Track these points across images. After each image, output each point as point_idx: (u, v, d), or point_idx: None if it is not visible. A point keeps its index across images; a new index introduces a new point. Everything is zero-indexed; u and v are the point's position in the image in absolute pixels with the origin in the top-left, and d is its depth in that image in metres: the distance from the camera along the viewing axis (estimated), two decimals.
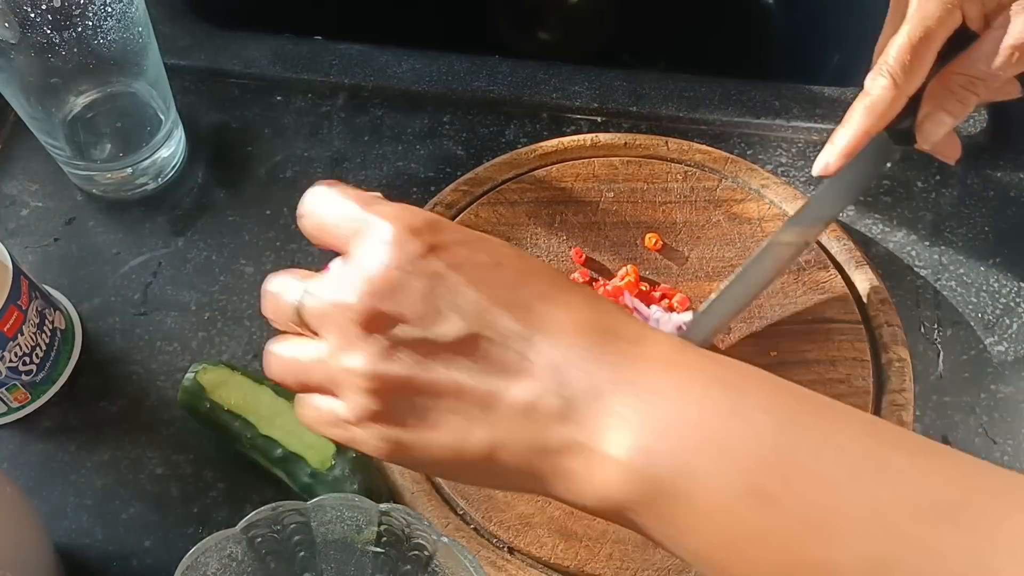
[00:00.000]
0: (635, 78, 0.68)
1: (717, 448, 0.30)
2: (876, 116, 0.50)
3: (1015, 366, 0.57)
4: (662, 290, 0.57)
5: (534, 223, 0.59)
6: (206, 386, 0.50)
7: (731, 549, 0.30)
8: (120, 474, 0.52)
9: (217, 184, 0.63)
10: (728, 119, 0.66)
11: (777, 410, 0.31)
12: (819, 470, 0.29)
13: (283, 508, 0.41)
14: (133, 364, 0.56)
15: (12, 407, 0.53)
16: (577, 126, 0.66)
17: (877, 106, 0.50)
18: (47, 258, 0.59)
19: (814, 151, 0.65)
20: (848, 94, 0.67)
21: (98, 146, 0.60)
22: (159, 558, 0.50)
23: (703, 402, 0.31)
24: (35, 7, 0.50)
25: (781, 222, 0.60)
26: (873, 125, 0.50)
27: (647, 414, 0.31)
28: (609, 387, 0.31)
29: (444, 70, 0.67)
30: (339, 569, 0.44)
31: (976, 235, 0.62)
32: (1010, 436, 0.55)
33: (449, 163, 0.64)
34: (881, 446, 0.30)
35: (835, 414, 0.31)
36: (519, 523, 0.49)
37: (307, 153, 0.64)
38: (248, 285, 0.59)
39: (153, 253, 0.60)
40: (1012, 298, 0.59)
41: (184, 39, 0.68)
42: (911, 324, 0.58)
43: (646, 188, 0.61)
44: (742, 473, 0.30)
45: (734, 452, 0.30)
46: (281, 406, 0.50)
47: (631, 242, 0.59)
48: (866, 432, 0.31)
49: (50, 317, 0.53)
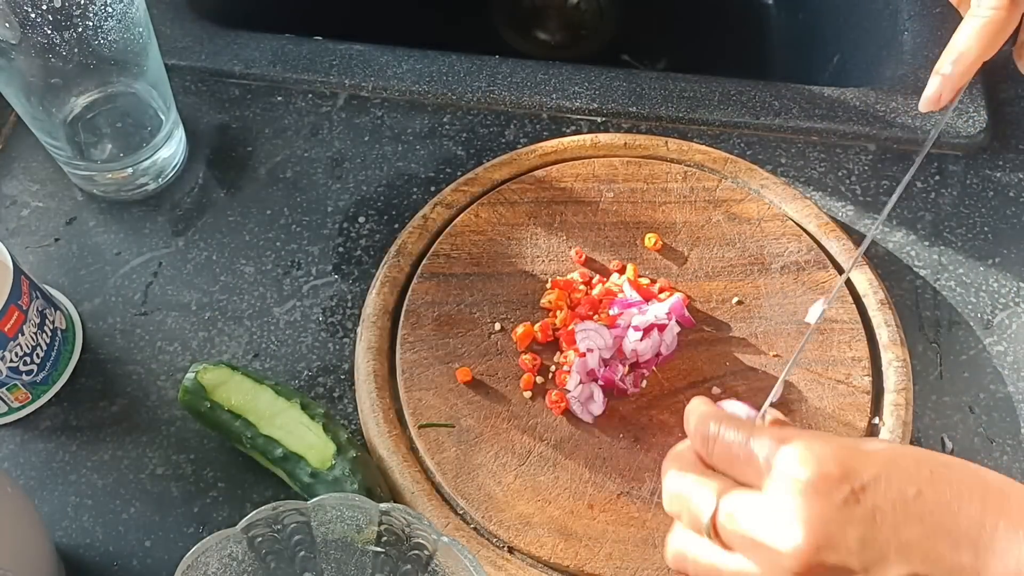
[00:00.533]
0: (635, 78, 0.68)
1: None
2: (991, 38, 0.45)
3: (1014, 366, 0.57)
4: (661, 285, 0.57)
5: (534, 223, 0.59)
6: (207, 386, 0.51)
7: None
8: (120, 474, 0.52)
9: (217, 184, 0.63)
10: (728, 119, 0.66)
11: None
12: None
13: (283, 508, 0.41)
14: (133, 364, 0.56)
15: (13, 407, 0.53)
16: (577, 126, 0.66)
17: (992, 28, 0.45)
18: (48, 258, 0.59)
19: (814, 151, 0.65)
20: (848, 94, 0.67)
21: (98, 146, 0.60)
22: (159, 558, 0.50)
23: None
24: (35, 7, 0.50)
25: (781, 222, 0.60)
26: (988, 49, 0.45)
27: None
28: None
29: (444, 70, 0.67)
30: (339, 569, 0.44)
31: (975, 235, 0.62)
32: (1009, 436, 0.55)
33: (449, 163, 0.64)
34: None
35: None
36: (519, 523, 0.49)
37: (307, 153, 0.64)
38: (248, 285, 0.59)
39: (153, 253, 0.60)
40: (1012, 298, 0.60)
41: (184, 39, 0.68)
42: (911, 324, 0.58)
43: (646, 188, 0.61)
44: None
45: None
46: (281, 406, 0.50)
47: (631, 242, 0.59)
48: None
49: (51, 317, 0.53)
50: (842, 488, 0.34)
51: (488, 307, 0.56)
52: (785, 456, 0.36)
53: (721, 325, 0.56)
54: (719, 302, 0.57)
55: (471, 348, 0.55)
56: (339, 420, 0.53)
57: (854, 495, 0.34)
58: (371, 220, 0.61)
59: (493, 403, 0.53)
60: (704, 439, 0.40)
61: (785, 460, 0.36)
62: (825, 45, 0.87)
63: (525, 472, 0.51)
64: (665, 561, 0.40)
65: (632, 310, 0.55)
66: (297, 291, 0.58)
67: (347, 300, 0.58)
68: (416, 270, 0.57)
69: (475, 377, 0.54)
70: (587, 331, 0.53)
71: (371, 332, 0.55)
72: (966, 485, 0.35)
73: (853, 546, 0.34)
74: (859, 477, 0.35)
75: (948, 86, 0.47)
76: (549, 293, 0.56)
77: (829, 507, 0.34)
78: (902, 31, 0.71)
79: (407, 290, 0.56)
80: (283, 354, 0.56)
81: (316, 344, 0.57)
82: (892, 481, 0.35)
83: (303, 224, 0.61)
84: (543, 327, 0.55)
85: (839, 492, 0.34)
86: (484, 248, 0.58)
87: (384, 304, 0.56)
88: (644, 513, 0.50)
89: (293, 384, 0.55)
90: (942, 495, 0.34)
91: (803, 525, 0.34)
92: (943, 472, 0.35)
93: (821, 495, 0.35)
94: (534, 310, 0.56)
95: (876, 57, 0.75)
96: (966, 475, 0.35)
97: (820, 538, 0.34)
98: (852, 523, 0.34)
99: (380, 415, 0.52)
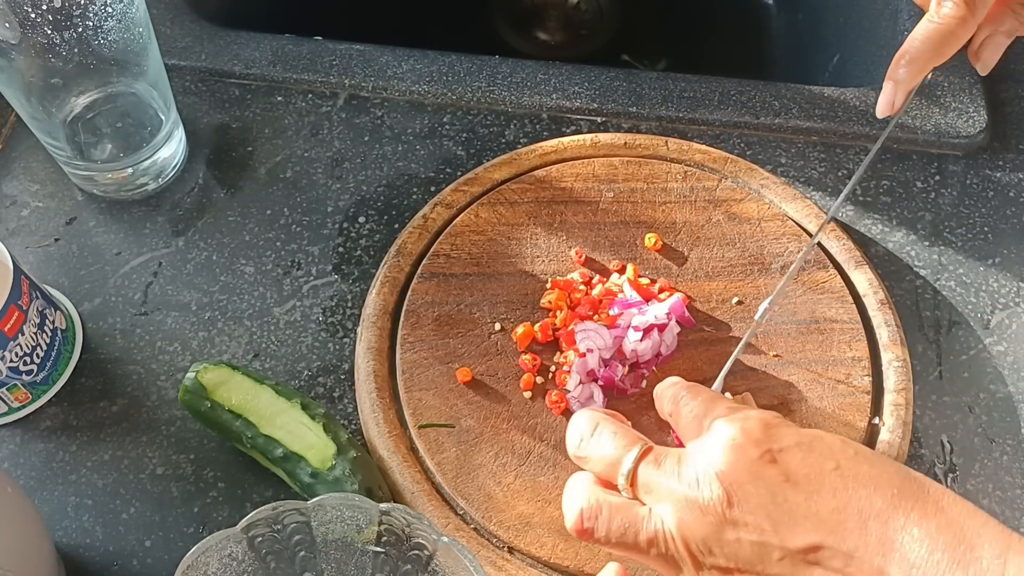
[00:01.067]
0: (635, 78, 0.68)
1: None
2: (942, 44, 0.45)
3: (1014, 366, 0.57)
4: (661, 285, 0.57)
5: (534, 223, 0.59)
6: (207, 385, 0.51)
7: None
8: (120, 474, 0.52)
9: (217, 184, 0.63)
10: (728, 119, 0.66)
11: None
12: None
13: (283, 508, 0.41)
14: (134, 364, 0.56)
15: (13, 407, 0.53)
16: (577, 126, 0.66)
17: (945, 35, 0.45)
18: (48, 258, 0.59)
19: (814, 151, 0.65)
20: (848, 94, 0.67)
21: (99, 146, 0.60)
22: (159, 558, 0.50)
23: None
24: (36, 7, 0.50)
25: (781, 222, 0.60)
26: (938, 55, 0.46)
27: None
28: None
29: (444, 70, 0.67)
30: (339, 569, 0.44)
31: (975, 235, 0.62)
32: (1009, 436, 0.55)
33: (449, 163, 0.64)
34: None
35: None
36: (519, 523, 0.49)
37: (307, 153, 0.64)
38: (248, 285, 0.59)
39: (154, 253, 0.60)
40: (1012, 298, 0.60)
41: (184, 39, 0.68)
42: (910, 324, 0.58)
43: (646, 188, 0.61)
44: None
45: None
46: (282, 406, 0.50)
47: (631, 242, 0.59)
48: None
49: (51, 317, 0.53)
50: (759, 447, 0.36)
51: (488, 307, 0.56)
52: (719, 419, 0.38)
53: (721, 325, 0.56)
54: (719, 302, 0.57)
55: (471, 348, 0.55)
56: (339, 420, 0.53)
57: (770, 454, 0.35)
58: (371, 220, 0.61)
59: (493, 403, 0.53)
60: (672, 400, 0.42)
61: (717, 422, 0.37)
62: (825, 45, 0.87)
63: (525, 472, 0.51)
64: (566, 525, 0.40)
65: (632, 310, 0.55)
66: (297, 291, 0.58)
67: (347, 300, 0.58)
68: (416, 270, 0.57)
69: (475, 377, 0.54)
70: (587, 331, 0.53)
71: (371, 332, 0.55)
72: (887, 470, 0.35)
73: (764, 503, 0.35)
74: (780, 441, 0.36)
75: (901, 90, 0.47)
76: (549, 293, 0.56)
77: (744, 461, 0.35)
78: (902, 31, 0.71)
79: (407, 290, 0.56)
80: (283, 354, 0.56)
81: (316, 344, 0.57)
82: (813, 451, 0.36)
83: (303, 224, 0.61)
84: (543, 327, 0.55)
85: (756, 450, 0.36)
86: (484, 248, 0.58)
87: (384, 304, 0.56)
88: None
89: (293, 384, 0.55)
90: (860, 474, 0.35)
91: (718, 477, 0.35)
92: (867, 454, 0.36)
93: (738, 450, 0.36)
94: (534, 310, 0.56)
95: (876, 57, 0.75)
96: (889, 463, 0.36)
97: (732, 490, 0.35)
98: (764, 480, 0.35)
99: (380, 415, 0.52)
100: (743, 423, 0.37)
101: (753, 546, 0.35)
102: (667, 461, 0.37)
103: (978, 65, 0.49)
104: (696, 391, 0.41)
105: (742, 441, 0.36)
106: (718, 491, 0.35)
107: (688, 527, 0.36)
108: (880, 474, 0.35)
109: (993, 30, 0.48)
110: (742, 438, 0.36)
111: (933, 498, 0.34)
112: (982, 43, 0.48)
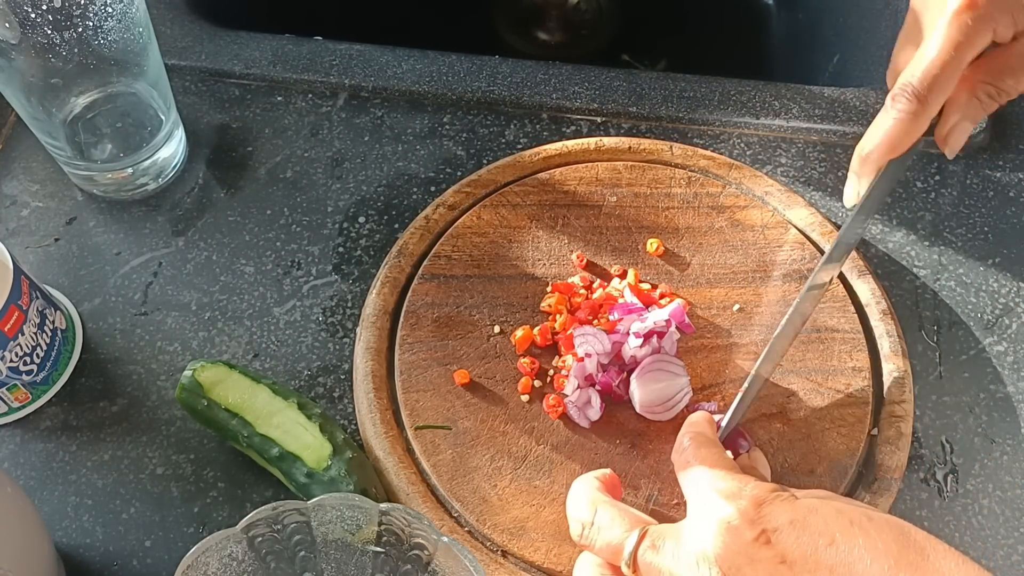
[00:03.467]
0: (635, 78, 0.68)
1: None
2: (899, 140, 0.47)
3: (1014, 366, 0.57)
4: (662, 291, 0.57)
5: (536, 226, 0.59)
6: (204, 384, 0.51)
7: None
8: (120, 474, 0.52)
9: (217, 184, 0.63)
10: (728, 119, 0.66)
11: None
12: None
13: (283, 508, 0.41)
14: (133, 364, 0.56)
15: (13, 407, 0.53)
16: (577, 126, 0.66)
17: (899, 130, 0.47)
18: (48, 258, 0.59)
19: (814, 151, 0.65)
20: (848, 94, 0.67)
21: (99, 146, 0.60)
22: (159, 558, 0.50)
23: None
24: (35, 7, 0.50)
25: (784, 229, 0.60)
26: (896, 149, 0.48)
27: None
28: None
29: (444, 70, 0.67)
30: (339, 569, 0.44)
31: (975, 235, 0.62)
32: (1009, 436, 0.55)
33: (449, 163, 0.64)
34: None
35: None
36: (513, 526, 0.49)
37: (307, 153, 0.64)
38: (248, 285, 0.59)
39: (154, 253, 0.60)
40: (1011, 298, 0.60)
41: (184, 39, 0.68)
42: (910, 324, 0.58)
43: (649, 193, 0.61)
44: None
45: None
46: (278, 405, 0.50)
47: (633, 247, 0.59)
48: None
49: (51, 317, 0.53)
50: (754, 528, 0.36)
51: (488, 309, 0.56)
52: (715, 490, 0.39)
53: (721, 332, 0.56)
54: (720, 309, 0.57)
55: (470, 350, 0.55)
56: (339, 420, 0.53)
57: (765, 535, 0.36)
58: (371, 220, 0.61)
59: (490, 406, 0.53)
60: (677, 450, 0.44)
61: (714, 498, 0.39)
62: (825, 45, 0.87)
63: (521, 476, 0.51)
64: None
65: (632, 316, 0.54)
66: (297, 291, 0.58)
67: (347, 300, 0.58)
68: (417, 271, 0.57)
69: (473, 379, 0.54)
70: (586, 336, 0.53)
71: (370, 332, 0.55)
72: (884, 538, 0.36)
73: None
74: (774, 520, 0.37)
75: (863, 183, 0.50)
76: (549, 297, 0.56)
77: (739, 544, 0.36)
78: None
79: (407, 291, 0.56)
80: (283, 354, 0.56)
81: (316, 344, 0.57)
82: (807, 529, 0.36)
83: (303, 224, 0.61)
84: (542, 331, 0.55)
85: (751, 531, 0.36)
86: (485, 250, 0.58)
87: (384, 305, 0.56)
88: None
89: (293, 384, 0.55)
90: (855, 546, 0.35)
91: (716, 561, 0.37)
92: (863, 523, 0.36)
93: (732, 532, 0.37)
94: (534, 313, 0.56)
95: (876, 57, 0.75)
96: (887, 528, 0.36)
97: (730, 574, 0.36)
98: (759, 563, 0.36)
99: (377, 416, 0.52)
100: (737, 504, 0.38)
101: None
102: (665, 544, 0.39)
103: (946, 150, 0.50)
104: (700, 445, 0.43)
105: (737, 524, 0.37)
106: (716, 575, 0.37)
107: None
108: (876, 544, 0.35)
109: (960, 117, 0.49)
110: (737, 520, 0.37)
111: (932, 564, 0.34)
112: (951, 129, 0.49)
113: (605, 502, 0.43)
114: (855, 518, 0.36)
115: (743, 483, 0.39)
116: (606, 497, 0.43)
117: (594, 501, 0.43)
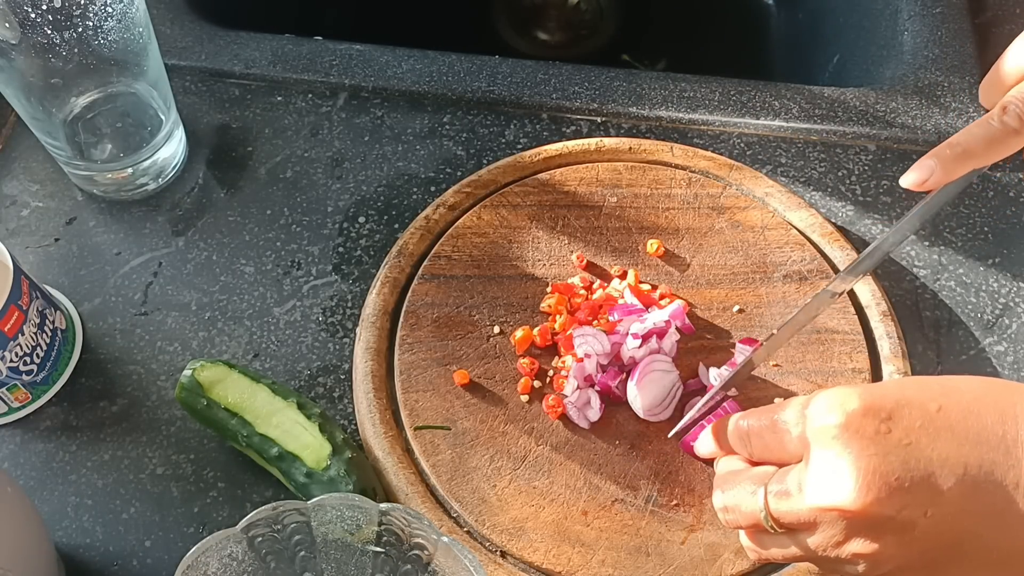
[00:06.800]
0: (635, 78, 0.68)
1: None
2: (995, 149, 0.45)
3: (1014, 366, 0.57)
4: (662, 292, 0.57)
5: (536, 226, 0.59)
6: (203, 383, 0.51)
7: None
8: (120, 474, 0.52)
9: (217, 184, 0.63)
10: (728, 119, 0.66)
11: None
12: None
13: (283, 508, 0.41)
14: (133, 364, 0.56)
15: (13, 407, 0.53)
16: (577, 126, 0.66)
17: (1000, 139, 0.45)
18: (48, 258, 0.60)
19: (813, 151, 0.65)
20: (848, 94, 0.67)
21: (98, 146, 0.60)
22: (159, 558, 0.50)
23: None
24: (35, 7, 0.50)
25: (785, 230, 0.60)
26: (989, 157, 0.46)
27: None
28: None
29: (444, 70, 0.67)
30: (339, 569, 0.44)
31: (975, 235, 0.62)
32: None
33: (449, 163, 0.64)
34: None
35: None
36: (513, 527, 0.49)
37: (307, 153, 0.64)
38: (248, 285, 0.59)
39: (154, 253, 0.60)
40: (1011, 298, 0.60)
41: (184, 39, 0.68)
42: (910, 324, 0.58)
43: (649, 193, 0.61)
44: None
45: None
46: (278, 405, 0.50)
47: (633, 247, 0.59)
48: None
49: (51, 317, 0.53)
50: (871, 422, 0.36)
51: (488, 310, 0.56)
52: (811, 415, 0.38)
53: (721, 333, 0.56)
54: (720, 310, 0.57)
55: (469, 351, 0.55)
56: (338, 420, 0.53)
57: (884, 424, 0.36)
58: (371, 220, 0.61)
59: (490, 406, 0.53)
60: (741, 437, 0.43)
61: (812, 418, 0.37)
62: (825, 45, 0.87)
63: (520, 476, 0.51)
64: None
65: (632, 317, 0.54)
66: (297, 291, 0.58)
67: (347, 300, 0.58)
68: (417, 271, 0.57)
69: (473, 380, 0.54)
70: (585, 336, 0.53)
71: (370, 332, 0.55)
72: (976, 391, 0.37)
73: (899, 472, 0.35)
74: (883, 408, 0.36)
75: (937, 176, 0.47)
76: (549, 297, 0.56)
77: (865, 443, 0.35)
78: (902, 31, 0.71)
79: (407, 291, 0.56)
80: (283, 354, 0.56)
81: (316, 344, 0.57)
82: (913, 403, 0.36)
83: (303, 224, 0.61)
84: (542, 331, 0.55)
85: (870, 426, 0.36)
86: (485, 251, 0.58)
87: (384, 305, 0.56)
88: (638, 521, 0.50)
89: (293, 384, 0.55)
90: (960, 403, 0.36)
91: (849, 470, 0.36)
92: (953, 383, 0.37)
93: (854, 434, 0.36)
94: (534, 314, 0.56)
95: (876, 57, 0.75)
96: (972, 383, 0.37)
97: (868, 476, 0.35)
98: (891, 452, 0.35)
99: (376, 416, 0.52)
100: (842, 407, 0.36)
101: (920, 507, 0.35)
102: (790, 488, 0.38)
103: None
104: (751, 413, 0.42)
105: (852, 424, 0.36)
106: (855, 483, 0.35)
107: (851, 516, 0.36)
108: (975, 396, 0.36)
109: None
110: (851, 422, 0.36)
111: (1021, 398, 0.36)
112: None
113: (722, 476, 0.43)
114: (942, 382, 0.37)
115: (824, 395, 0.38)
116: (723, 473, 0.44)
117: (718, 481, 0.43)
